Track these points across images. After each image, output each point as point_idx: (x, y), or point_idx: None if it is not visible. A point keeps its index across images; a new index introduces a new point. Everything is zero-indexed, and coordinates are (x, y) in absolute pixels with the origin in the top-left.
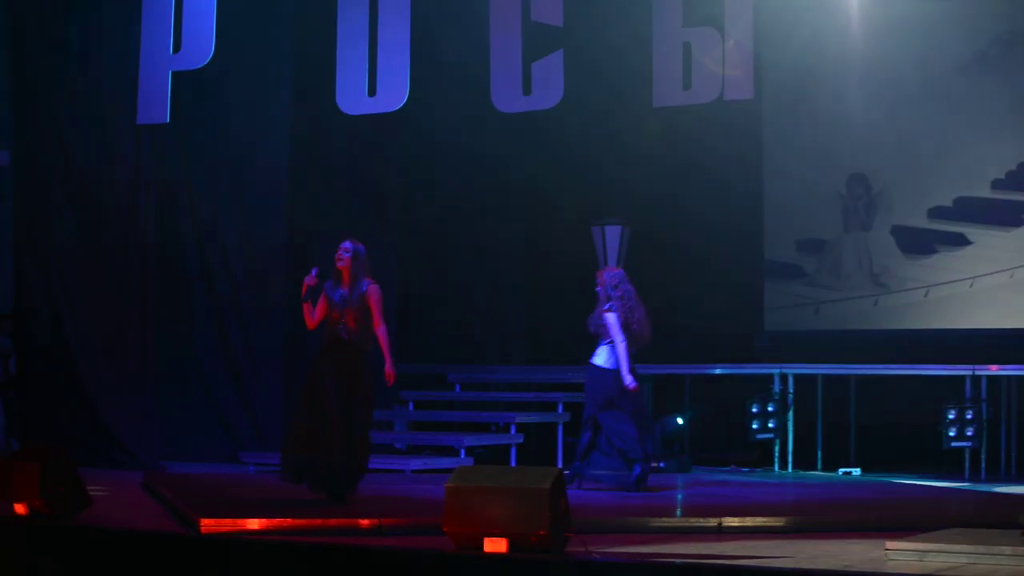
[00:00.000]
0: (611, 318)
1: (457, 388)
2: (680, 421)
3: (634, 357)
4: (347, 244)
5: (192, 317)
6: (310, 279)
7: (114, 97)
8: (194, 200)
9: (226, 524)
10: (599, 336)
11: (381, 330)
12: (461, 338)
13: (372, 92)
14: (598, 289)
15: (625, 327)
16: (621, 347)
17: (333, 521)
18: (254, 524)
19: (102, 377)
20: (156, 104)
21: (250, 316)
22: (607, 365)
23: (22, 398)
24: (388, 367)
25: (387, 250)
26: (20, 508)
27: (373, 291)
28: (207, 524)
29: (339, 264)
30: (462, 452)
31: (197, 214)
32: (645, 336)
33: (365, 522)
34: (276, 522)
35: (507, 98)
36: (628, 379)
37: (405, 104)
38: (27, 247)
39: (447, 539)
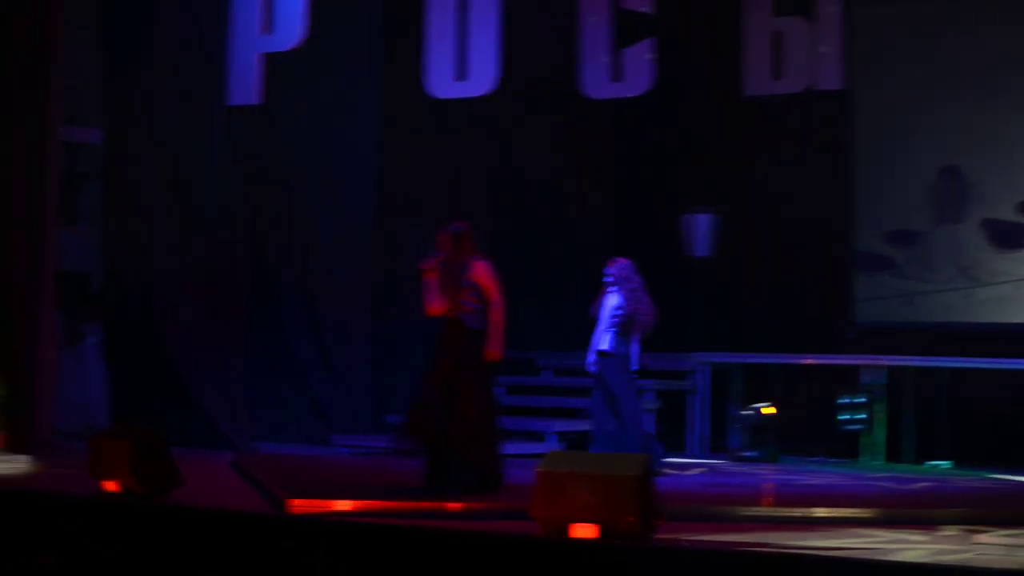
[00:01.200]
0: (612, 300)
1: (547, 374)
2: (764, 411)
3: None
4: (453, 225)
5: (282, 299)
6: (427, 264)
7: (205, 77)
8: (284, 181)
9: (315, 505)
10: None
11: (495, 307)
12: (551, 323)
13: (461, 77)
14: (608, 278)
15: (629, 316)
16: (602, 330)
17: (422, 504)
18: (343, 505)
19: (194, 358)
20: (246, 85)
21: (341, 298)
22: (617, 351)
23: (114, 377)
24: (491, 344)
25: (476, 234)
26: (111, 486)
27: (483, 268)
28: (296, 505)
29: (446, 244)
30: (552, 438)
31: (287, 195)
32: (649, 326)
33: (454, 506)
34: (364, 504)
35: (596, 85)
36: (591, 361)
37: (494, 89)
38: (118, 227)
39: (535, 524)
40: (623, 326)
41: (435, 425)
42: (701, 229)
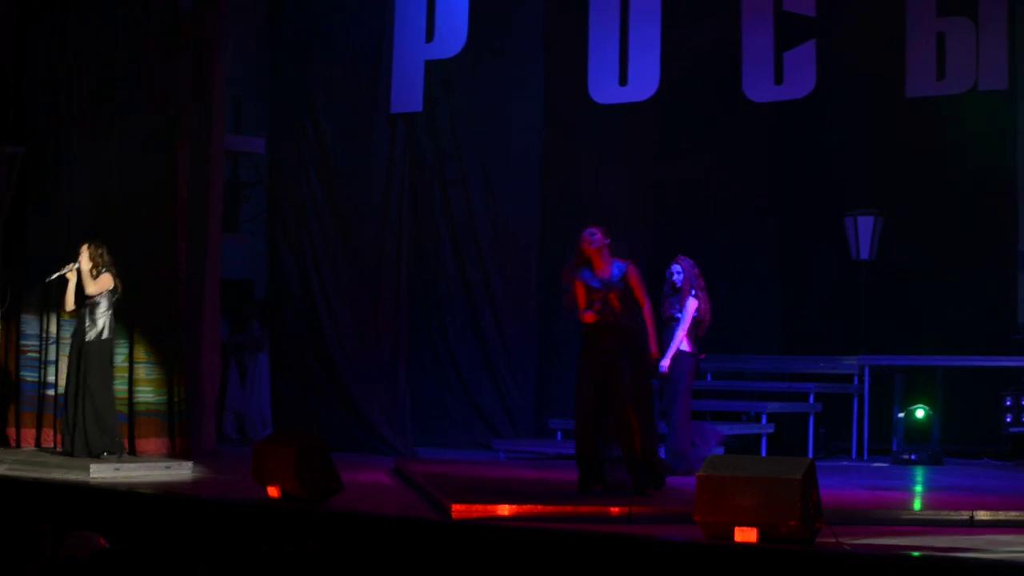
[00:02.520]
0: (693, 304)
1: (709, 377)
2: (922, 413)
3: (702, 344)
4: (592, 229)
5: (444, 305)
6: (570, 270)
7: (368, 86)
8: (447, 188)
9: (477, 510)
10: (671, 321)
11: (646, 309)
12: (712, 326)
13: (623, 82)
14: (676, 277)
15: (702, 317)
16: (682, 334)
17: (584, 508)
18: (505, 510)
19: (356, 363)
20: (410, 93)
21: (503, 304)
22: (694, 352)
23: (276, 384)
24: (652, 347)
25: (641, 240)
26: (273, 491)
27: (632, 270)
28: (458, 510)
29: (590, 248)
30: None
31: (450, 202)
32: (707, 325)
33: (615, 510)
34: (527, 508)
35: (758, 88)
36: (667, 363)
37: (656, 93)
38: (282, 233)
39: (697, 528)
40: (694, 327)
41: (592, 429)
42: (864, 231)
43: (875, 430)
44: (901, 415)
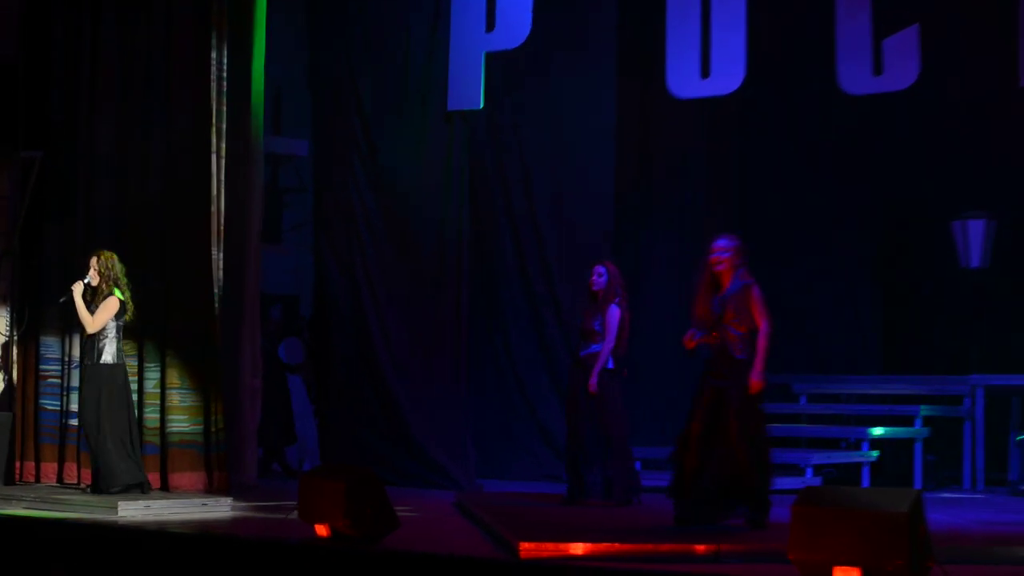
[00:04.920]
0: (616, 314)
1: (803, 400)
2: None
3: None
4: (722, 241)
5: (508, 321)
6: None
7: (423, 82)
8: (509, 190)
9: (547, 549)
10: (585, 334)
11: (763, 330)
12: (807, 345)
13: (705, 74)
14: (600, 280)
15: (621, 327)
16: (610, 346)
17: (666, 547)
18: (578, 549)
19: (412, 387)
20: (468, 88)
21: (573, 320)
22: (619, 368)
23: (323, 411)
24: (755, 373)
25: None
26: (322, 530)
27: (753, 290)
28: (527, 548)
29: (718, 267)
30: (809, 471)
31: (513, 208)
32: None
33: (701, 548)
34: (603, 547)
35: (855, 79)
36: (595, 381)
37: (741, 86)
38: (329, 245)
39: (792, 568)
40: (617, 341)
41: (694, 460)
42: (974, 235)
43: (990, 457)
44: (1020, 439)
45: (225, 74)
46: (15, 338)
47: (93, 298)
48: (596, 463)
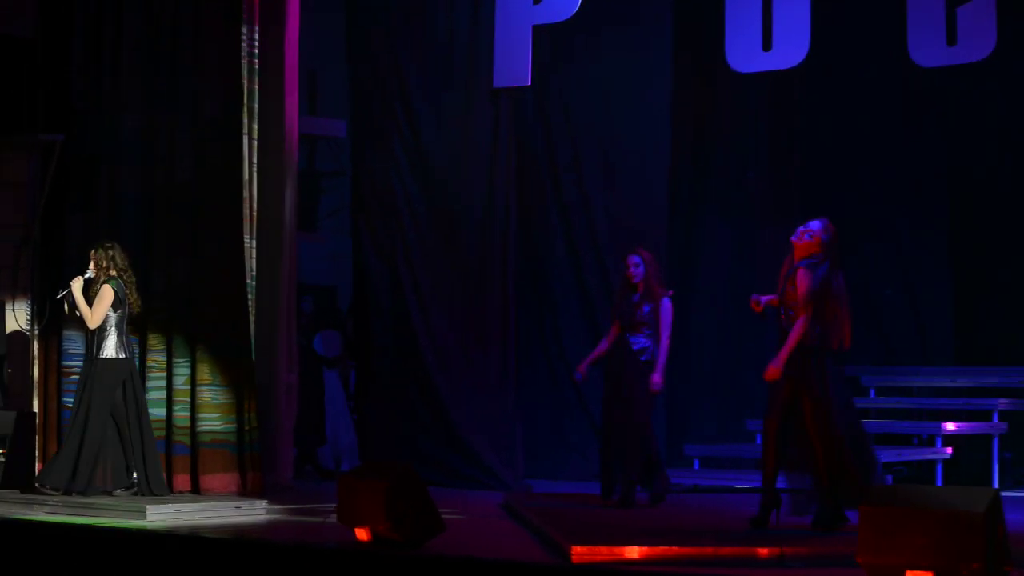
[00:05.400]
0: (671, 309)
1: (872, 394)
2: None
3: None
4: (813, 223)
5: (559, 311)
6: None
7: (467, 57)
8: (559, 175)
9: (601, 552)
10: (634, 326)
11: (803, 317)
12: (875, 335)
13: (767, 46)
14: (638, 270)
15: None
16: (668, 344)
17: (726, 550)
18: (634, 553)
19: (457, 382)
20: (515, 64)
21: None
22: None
23: (362, 408)
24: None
25: (787, 231)
26: (362, 534)
27: (802, 273)
28: (579, 552)
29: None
30: (878, 468)
31: (563, 191)
32: None
33: (764, 551)
34: (660, 550)
35: (927, 50)
36: (660, 379)
37: (805, 59)
38: (368, 231)
39: (861, 572)
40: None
41: (773, 457)
42: None
43: None
44: None
45: (256, 51)
46: (36, 333)
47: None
48: (635, 459)
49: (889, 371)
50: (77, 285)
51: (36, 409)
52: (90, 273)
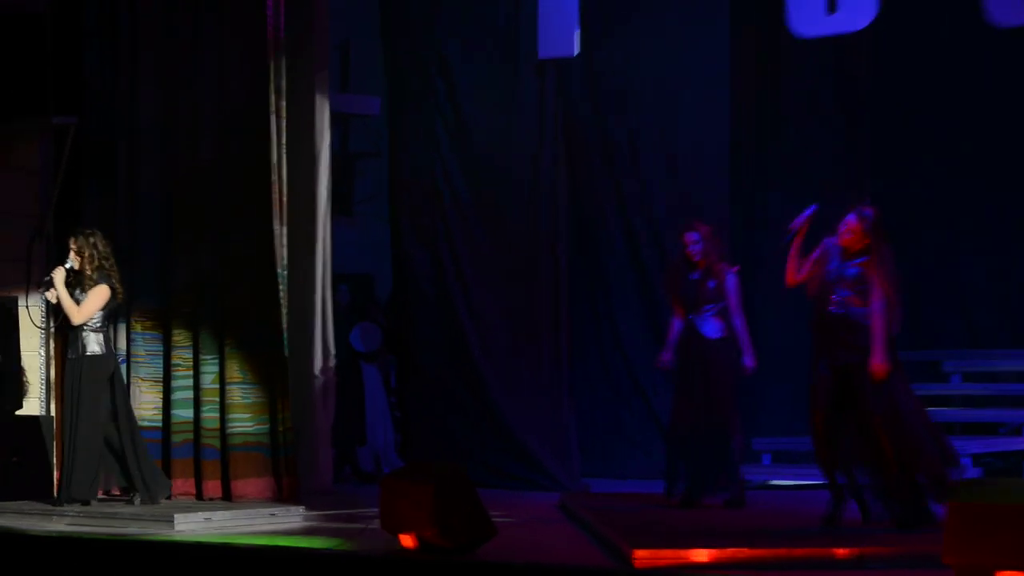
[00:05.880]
0: (736, 284)
1: (955, 379)
2: None
3: None
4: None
5: (614, 297)
6: (802, 221)
7: (511, 27)
8: (611, 148)
9: (665, 556)
10: (698, 306)
11: (890, 304)
12: (958, 317)
13: (832, 8)
14: (697, 247)
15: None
16: (743, 321)
17: (800, 551)
18: (701, 556)
19: (507, 375)
20: (562, 34)
21: None
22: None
23: (404, 405)
24: (877, 351)
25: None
26: (407, 540)
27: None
28: (641, 556)
29: (845, 237)
30: (967, 461)
31: (615, 168)
32: None
33: (841, 551)
34: (728, 553)
35: (1006, 8)
36: (751, 360)
37: (874, 22)
38: (407, 216)
39: (947, 573)
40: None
41: (826, 448)
42: None
43: None
44: None
45: (283, 24)
46: (52, 330)
47: (79, 284)
48: (709, 453)
49: (975, 355)
50: (59, 276)
51: (52, 413)
52: (72, 263)
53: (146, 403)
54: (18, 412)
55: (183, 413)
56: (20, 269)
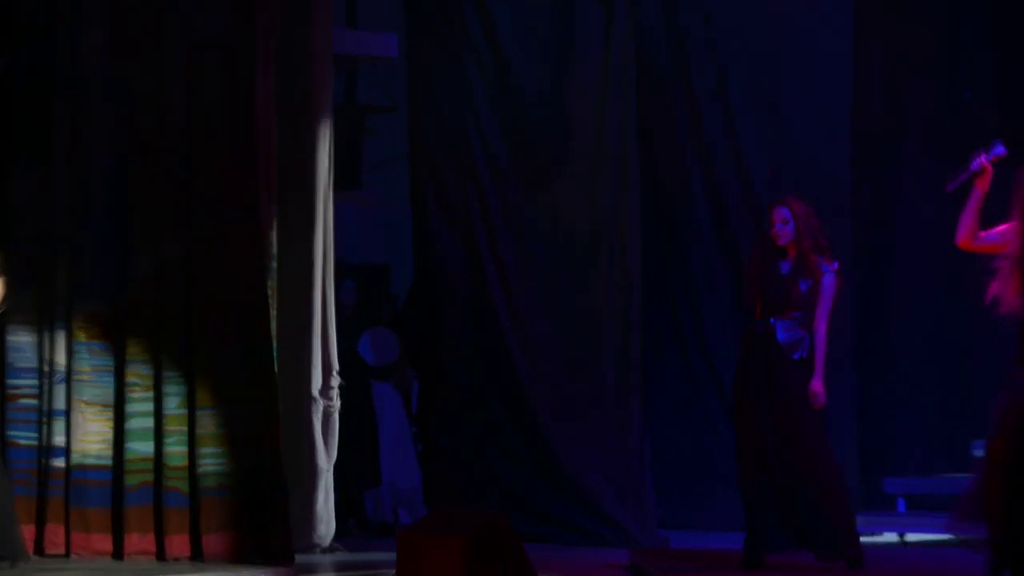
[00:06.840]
0: (833, 284)
1: None
2: None
3: None
4: None
5: (701, 299)
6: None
7: None
8: (699, 110)
9: None
10: (783, 309)
11: None
12: None
13: None
14: (786, 228)
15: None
16: (825, 335)
17: None
18: None
19: (560, 395)
20: None
21: None
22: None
23: (429, 433)
24: None
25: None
26: None
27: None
28: None
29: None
30: None
31: (703, 132)
32: None
33: None
34: None
35: None
36: (820, 386)
37: None
38: (433, 189)
39: None
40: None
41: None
42: None
43: None
44: None
45: None
46: None
47: None
48: (801, 501)
49: None
50: None
51: None
52: None
53: (91, 435)
54: None
55: (140, 447)
56: None
